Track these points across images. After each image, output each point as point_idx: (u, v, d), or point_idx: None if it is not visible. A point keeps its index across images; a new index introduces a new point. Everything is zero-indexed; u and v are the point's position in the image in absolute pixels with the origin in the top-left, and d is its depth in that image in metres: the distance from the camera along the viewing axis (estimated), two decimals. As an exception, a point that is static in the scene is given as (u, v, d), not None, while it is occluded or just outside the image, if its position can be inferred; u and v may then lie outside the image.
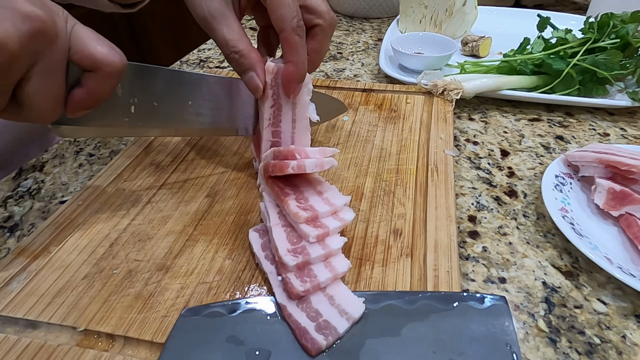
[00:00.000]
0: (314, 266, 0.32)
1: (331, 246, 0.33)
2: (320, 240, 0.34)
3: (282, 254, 0.32)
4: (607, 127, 0.56)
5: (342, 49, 0.80)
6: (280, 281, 0.32)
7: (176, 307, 0.32)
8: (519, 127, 0.56)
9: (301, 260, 0.32)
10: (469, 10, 0.77)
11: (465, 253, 0.39)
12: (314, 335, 0.29)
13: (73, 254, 0.36)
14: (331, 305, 0.31)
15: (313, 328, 0.29)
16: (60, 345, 0.30)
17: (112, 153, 0.53)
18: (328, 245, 0.33)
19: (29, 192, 0.47)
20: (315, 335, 0.29)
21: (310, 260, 0.32)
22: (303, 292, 0.31)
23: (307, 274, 0.32)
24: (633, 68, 0.58)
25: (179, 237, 0.38)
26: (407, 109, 0.55)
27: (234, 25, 0.38)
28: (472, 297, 0.31)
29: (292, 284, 0.31)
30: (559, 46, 0.60)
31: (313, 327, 0.29)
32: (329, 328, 0.29)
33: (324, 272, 0.32)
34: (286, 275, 0.32)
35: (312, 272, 0.32)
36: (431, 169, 0.44)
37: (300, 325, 0.30)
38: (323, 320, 0.30)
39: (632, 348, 0.31)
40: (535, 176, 0.48)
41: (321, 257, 0.33)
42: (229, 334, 0.29)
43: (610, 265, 0.34)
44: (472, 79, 0.58)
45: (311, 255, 0.32)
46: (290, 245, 0.33)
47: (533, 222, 0.42)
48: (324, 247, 0.33)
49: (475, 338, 0.29)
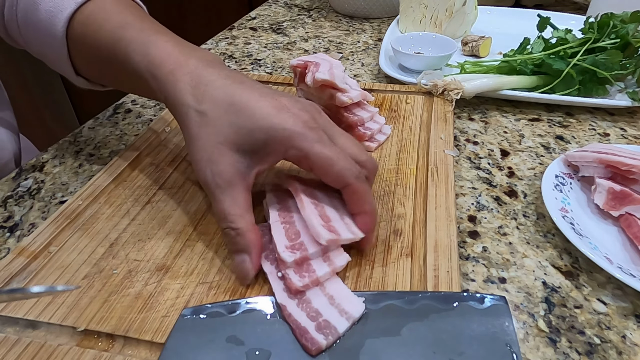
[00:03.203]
0: (312, 261, 0.33)
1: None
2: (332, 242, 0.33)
3: (280, 250, 0.32)
4: (607, 127, 0.56)
5: (342, 49, 0.80)
6: (280, 278, 0.32)
7: (176, 307, 0.32)
8: (519, 127, 0.56)
9: (299, 256, 0.32)
10: (469, 10, 0.77)
11: (465, 253, 0.39)
12: (314, 335, 0.29)
13: (73, 254, 0.36)
14: (331, 305, 0.31)
15: (313, 328, 0.29)
16: (60, 345, 0.30)
17: (112, 153, 0.53)
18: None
19: (29, 192, 0.47)
20: (315, 335, 0.29)
21: (308, 256, 0.32)
22: (302, 287, 0.31)
23: (305, 269, 0.32)
24: (633, 68, 0.58)
25: (179, 237, 0.38)
26: (407, 109, 0.55)
27: (239, 198, 0.33)
28: (472, 297, 0.31)
29: (290, 279, 0.31)
30: (559, 46, 0.60)
31: (313, 326, 0.29)
32: (329, 328, 0.29)
33: (323, 266, 0.32)
34: (285, 271, 0.32)
35: (311, 267, 0.32)
36: (431, 169, 0.44)
37: (300, 325, 0.30)
38: (323, 320, 0.30)
39: (632, 348, 0.31)
40: (535, 176, 0.48)
41: (319, 252, 0.33)
42: (229, 334, 0.29)
43: (610, 265, 0.34)
44: (472, 79, 0.58)
45: (309, 251, 0.32)
46: (288, 241, 0.33)
47: (533, 222, 0.42)
48: (324, 252, 0.33)
49: (475, 338, 0.29)
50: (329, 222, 0.34)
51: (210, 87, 0.34)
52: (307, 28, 0.90)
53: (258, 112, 0.33)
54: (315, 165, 0.33)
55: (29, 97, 1.58)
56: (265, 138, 0.32)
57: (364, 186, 0.34)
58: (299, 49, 0.81)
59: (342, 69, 0.50)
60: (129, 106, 0.63)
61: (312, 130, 0.33)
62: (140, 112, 0.61)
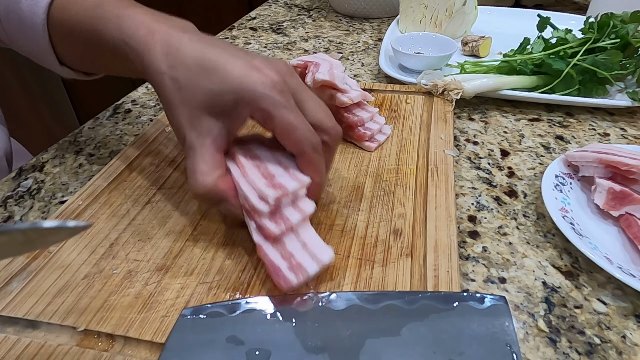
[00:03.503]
0: (284, 210, 0.34)
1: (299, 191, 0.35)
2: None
3: (254, 203, 0.33)
4: (607, 127, 0.56)
5: (342, 49, 0.80)
6: (255, 227, 0.34)
7: (176, 307, 0.32)
8: (519, 127, 0.56)
9: (273, 203, 0.33)
10: (469, 10, 0.77)
11: (465, 253, 0.39)
12: (287, 274, 0.31)
13: (73, 254, 0.36)
14: (304, 250, 0.33)
15: (286, 267, 0.32)
16: (60, 345, 0.30)
17: (112, 153, 0.53)
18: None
19: (29, 192, 0.47)
20: (287, 273, 0.31)
21: (281, 204, 0.34)
22: (279, 233, 0.33)
23: (280, 217, 0.34)
24: (633, 68, 0.58)
25: (179, 237, 0.38)
26: (407, 109, 0.55)
27: (208, 157, 0.35)
28: (472, 297, 0.31)
29: (267, 227, 0.33)
30: (559, 46, 0.60)
31: (286, 266, 0.32)
32: (300, 269, 0.32)
33: (294, 213, 0.34)
34: (261, 221, 0.33)
35: (284, 215, 0.34)
36: (431, 169, 0.44)
37: (274, 263, 0.32)
38: (295, 262, 0.32)
39: (632, 348, 0.31)
40: (535, 176, 0.48)
41: (289, 201, 0.35)
42: (229, 334, 0.29)
43: (610, 265, 0.34)
44: (472, 79, 0.58)
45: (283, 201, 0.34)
46: (258, 192, 0.34)
47: (533, 222, 0.42)
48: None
49: (475, 338, 0.29)
50: (273, 179, 0.35)
51: (182, 52, 0.35)
52: (307, 28, 0.90)
53: (228, 73, 0.33)
54: (277, 129, 0.34)
55: (29, 97, 1.58)
56: (234, 99, 0.33)
57: (318, 157, 0.35)
58: (298, 49, 0.81)
59: (342, 69, 0.50)
60: (129, 106, 0.63)
61: (281, 94, 0.33)
62: (140, 112, 0.61)
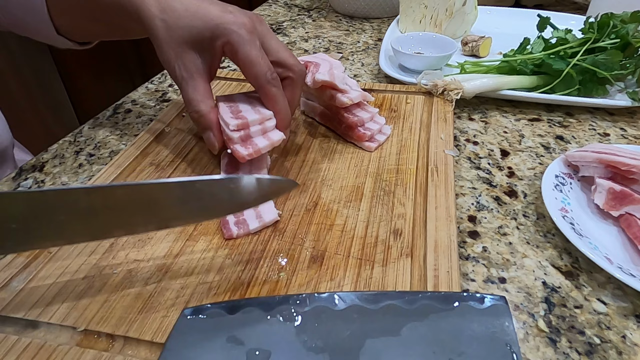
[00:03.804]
0: (255, 139, 0.40)
1: (267, 124, 0.41)
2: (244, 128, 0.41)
3: (227, 131, 0.40)
4: (607, 127, 0.56)
5: (342, 49, 0.80)
6: (229, 153, 0.41)
7: (176, 307, 0.32)
8: (519, 127, 0.56)
9: (243, 132, 0.40)
10: (469, 10, 0.77)
11: (465, 253, 0.39)
12: (231, 226, 0.38)
13: (73, 254, 0.36)
14: (254, 210, 0.39)
15: (233, 222, 0.38)
16: (60, 345, 0.30)
17: (112, 153, 0.53)
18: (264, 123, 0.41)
19: (29, 192, 0.47)
20: (232, 226, 0.38)
21: (250, 133, 0.40)
22: (247, 155, 0.39)
23: (249, 143, 0.40)
24: (633, 68, 0.58)
25: (179, 237, 0.38)
26: (407, 109, 0.55)
27: (200, 87, 0.41)
28: (472, 297, 0.31)
29: (238, 150, 0.39)
30: (559, 46, 0.60)
31: (233, 221, 0.38)
32: (244, 224, 0.38)
33: (263, 141, 0.40)
34: (233, 146, 0.40)
35: (254, 142, 0.40)
36: (431, 169, 0.44)
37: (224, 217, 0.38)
38: (242, 218, 0.38)
39: (632, 348, 0.31)
40: (535, 176, 0.48)
41: (259, 131, 0.40)
42: (229, 334, 0.29)
43: (610, 265, 0.34)
44: (472, 79, 0.58)
45: (250, 128, 0.40)
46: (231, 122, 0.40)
47: (533, 222, 0.42)
48: (260, 122, 0.41)
49: (475, 338, 0.29)
50: (239, 114, 0.41)
51: (171, 0, 0.41)
52: (307, 28, 0.90)
53: (208, 14, 0.40)
54: (240, 63, 0.40)
55: (29, 97, 1.58)
56: (210, 35, 0.40)
57: (276, 90, 0.41)
58: (298, 49, 0.81)
59: (342, 69, 0.50)
60: (129, 106, 0.63)
61: (249, 33, 0.39)
62: (140, 112, 0.61)
